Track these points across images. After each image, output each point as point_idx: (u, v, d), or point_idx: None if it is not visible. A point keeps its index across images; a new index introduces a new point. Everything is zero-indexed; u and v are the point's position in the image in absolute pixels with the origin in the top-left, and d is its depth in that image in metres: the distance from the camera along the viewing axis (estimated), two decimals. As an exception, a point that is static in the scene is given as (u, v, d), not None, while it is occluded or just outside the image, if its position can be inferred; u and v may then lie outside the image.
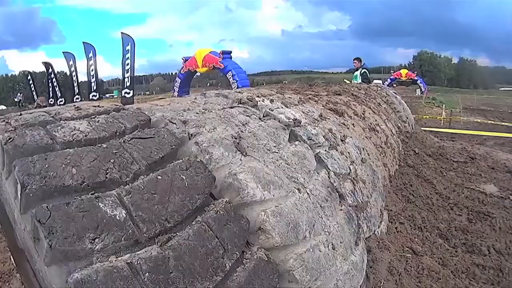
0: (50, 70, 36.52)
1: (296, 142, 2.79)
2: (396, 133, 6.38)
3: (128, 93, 22.42)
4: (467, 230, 4.23)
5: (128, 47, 21.94)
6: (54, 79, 35.94)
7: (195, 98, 3.08)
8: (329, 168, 2.84)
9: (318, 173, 2.71)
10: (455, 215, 4.70)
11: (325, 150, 3.01)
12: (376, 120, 5.47)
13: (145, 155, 1.86)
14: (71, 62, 31.53)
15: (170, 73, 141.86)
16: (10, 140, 1.69)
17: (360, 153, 3.68)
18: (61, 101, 35.71)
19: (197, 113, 2.57)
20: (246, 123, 2.63)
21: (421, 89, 47.84)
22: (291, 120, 3.00)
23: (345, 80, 14.52)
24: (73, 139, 1.79)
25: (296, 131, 2.92)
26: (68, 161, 1.63)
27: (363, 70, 13.12)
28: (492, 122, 19.21)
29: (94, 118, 2.06)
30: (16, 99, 49.29)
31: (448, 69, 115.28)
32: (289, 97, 3.79)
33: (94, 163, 1.68)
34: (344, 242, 2.49)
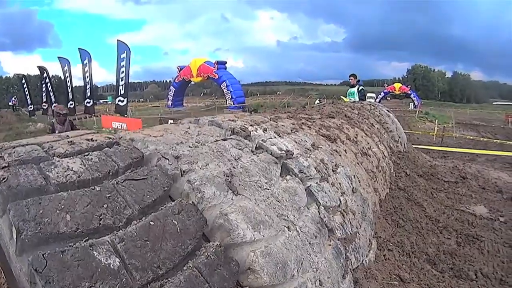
0: (45, 74, 36.58)
1: (288, 177, 2.82)
2: (388, 154, 6.41)
3: (122, 101, 22.43)
4: (455, 254, 4.25)
5: (124, 55, 21.94)
6: (48, 84, 35.99)
7: (189, 128, 3.10)
8: (319, 202, 2.87)
9: (308, 209, 2.74)
10: (444, 238, 4.72)
11: (316, 183, 3.04)
12: (368, 143, 5.51)
13: (138, 199, 1.88)
14: (66, 68, 31.61)
15: (164, 81, 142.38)
16: (4, 180, 1.70)
17: (351, 183, 3.71)
18: (55, 106, 35.67)
19: (190, 146, 2.59)
20: (239, 158, 2.65)
21: (414, 103, 48.10)
22: (283, 152, 3.02)
23: (341, 97, 14.63)
24: (67, 180, 1.81)
25: (288, 164, 2.95)
26: (62, 206, 1.65)
27: (360, 88, 13.24)
28: (484, 139, 19.23)
29: (87, 155, 2.08)
30: (10, 103, 49.06)
31: (442, 83, 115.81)
32: (282, 125, 3.82)
33: (87, 209, 1.70)
34: (332, 277, 2.52)
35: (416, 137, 20.03)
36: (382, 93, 52.41)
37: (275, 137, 3.30)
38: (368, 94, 16.23)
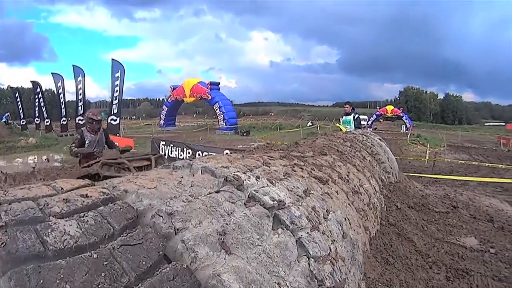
0: (38, 89, 36.59)
1: (279, 230, 2.86)
2: (380, 189, 6.46)
3: (115, 120, 22.42)
4: (445, 290, 4.28)
5: (118, 74, 21.97)
6: (41, 99, 36.00)
7: (182, 178, 3.13)
8: (310, 253, 2.90)
9: (298, 262, 2.77)
10: (434, 273, 4.74)
11: (307, 233, 3.07)
12: (360, 180, 5.55)
13: (134, 266, 1.91)
14: (59, 84, 31.67)
15: (157, 99, 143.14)
16: (3, 245, 1.73)
17: (342, 228, 3.75)
18: (47, 122, 35.73)
19: (183, 201, 2.62)
20: (232, 213, 2.69)
21: (406, 126, 48.38)
22: (275, 202, 3.06)
23: (338, 125, 14.84)
24: (64, 246, 1.84)
25: (280, 215, 2.98)
26: (62, 275, 1.68)
27: (356, 116, 13.43)
28: (476, 162, 19.35)
29: (83, 217, 2.11)
30: (3, 120, 48.98)
31: (434, 104, 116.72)
32: (275, 170, 3.86)
33: (86, 278, 1.72)
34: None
35: (408, 161, 20.11)
36: (374, 115, 52.86)
37: (268, 185, 3.33)
38: (360, 116, 16.45)
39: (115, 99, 22.29)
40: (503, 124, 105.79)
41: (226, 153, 6.88)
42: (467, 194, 9.22)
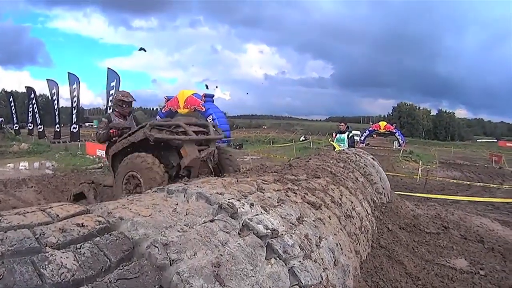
0: (32, 95, 36.48)
1: (272, 260, 2.88)
2: (372, 211, 6.48)
3: (109, 129, 22.31)
4: (434, 313, 4.31)
5: (113, 83, 21.98)
6: (35, 105, 35.91)
7: (177, 205, 3.16)
8: (301, 282, 2.93)
9: (291, 292, 2.81)
10: (423, 297, 4.78)
11: (300, 261, 3.11)
12: (352, 203, 5.58)
13: None
14: (54, 90, 31.51)
15: (151, 108, 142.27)
16: (0, 278, 1.75)
17: (333, 255, 3.78)
18: (40, 128, 35.64)
19: (178, 231, 2.65)
20: (226, 243, 2.71)
21: (399, 142, 48.52)
22: (269, 231, 3.09)
23: (331, 142, 14.92)
24: (61, 280, 1.85)
25: (273, 244, 3.01)
26: (59, 312, 1.71)
27: (351, 134, 13.52)
28: (467, 182, 19.41)
29: (79, 248, 2.13)
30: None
31: (427, 120, 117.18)
32: (269, 197, 3.88)
33: (83, 314, 1.75)
34: None
35: (400, 178, 20.15)
36: (367, 131, 53.01)
37: (261, 213, 3.36)
38: (353, 132, 16.54)
39: (110, 108, 22.19)
40: (495, 140, 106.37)
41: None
42: (458, 213, 9.27)
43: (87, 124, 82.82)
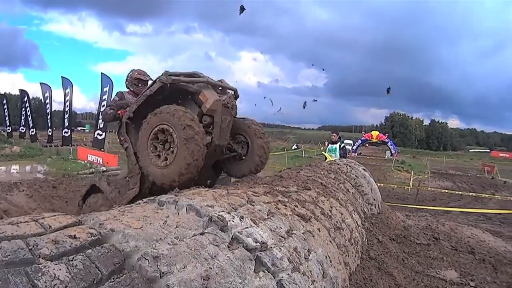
0: (25, 98, 36.36)
1: (261, 273, 2.92)
2: (362, 222, 6.51)
3: (101, 135, 22.37)
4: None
5: (106, 89, 21.92)
6: (28, 108, 35.77)
7: (168, 217, 3.19)
8: (290, 295, 2.97)
9: (279, 305, 2.84)
10: (412, 308, 4.80)
11: (288, 274, 3.14)
12: (342, 215, 5.60)
13: None
14: (47, 94, 31.39)
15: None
16: None
17: (322, 267, 3.81)
18: (32, 131, 35.49)
19: (169, 244, 2.68)
20: (215, 256, 2.75)
21: (391, 152, 48.61)
22: (258, 244, 3.13)
23: (323, 153, 14.99)
24: (55, 292, 1.90)
25: (262, 257, 3.04)
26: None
27: (342, 145, 13.56)
28: (459, 192, 19.47)
29: (72, 260, 2.16)
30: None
31: (419, 130, 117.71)
32: (259, 210, 3.91)
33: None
34: None
35: (392, 188, 20.19)
36: (360, 141, 53.02)
37: (251, 226, 3.40)
38: (345, 141, 16.57)
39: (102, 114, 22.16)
40: (488, 150, 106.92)
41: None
42: (449, 224, 9.25)
43: (79, 128, 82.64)
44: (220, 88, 6.24)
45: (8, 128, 42.92)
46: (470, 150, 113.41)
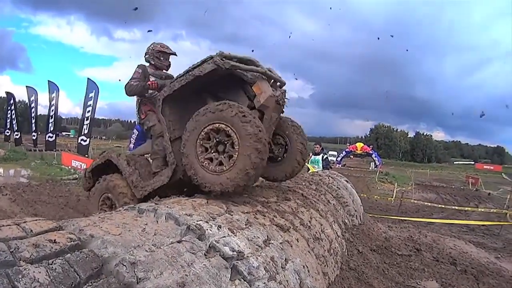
0: (12, 101, 36.08)
1: (237, 282, 2.97)
2: (342, 233, 6.52)
3: (85, 140, 22.14)
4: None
5: (92, 94, 21.74)
6: (13, 111, 35.49)
7: (146, 225, 3.24)
8: (265, 303, 3.03)
9: (253, 313, 2.90)
10: (391, 319, 4.81)
11: (264, 283, 3.20)
12: (322, 225, 5.64)
13: None
14: (32, 98, 31.14)
15: (129, 121, 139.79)
16: None
17: (299, 277, 3.87)
18: (17, 134, 35.21)
19: (146, 251, 2.74)
20: (192, 263, 2.81)
21: (375, 163, 48.74)
22: (235, 253, 3.19)
23: (306, 164, 14.97)
24: (35, 294, 1.95)
25: (238, 266, 3.10)
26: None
27: (325, 156, 13.60)
28: (442, 205, 19.51)
29: (51, 264, 2.22)
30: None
31: (404, 142, 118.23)
32: (237, 219, 3.96)
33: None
34: None
35: (375, 199, 20.21)
36: (344, 152, 53.13)
37: (228, 235, 3.46)
38: (330, 152, 16.63)
39: (87, 119, 21.83)
40: (472, 163, 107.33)
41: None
42: (431, 235, 9.22)
43: (64, 133, 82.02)
44: (272, 80, 5.57)
45: (-7, 130, 42.63)
46: (454, 162, 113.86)
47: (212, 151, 4.68)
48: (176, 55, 6.49)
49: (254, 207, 4.71)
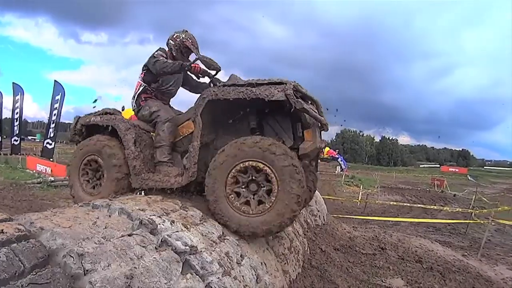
0: (-22, 103, 35.36)
1: (188, 275, 2.97)
2: (304, 232, 6.52)
3: (50, 144, 21.83)
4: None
5: (58, 97, 21.41)
6: (-22, 114, 34.79)
7: (98, 218, 3.22)
8: (219, 299, 3.02)
9: (206, 307, 2.89)
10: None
11: (218, 278, 3.19)
12: (282, 224, 5.62)
13: None
14: (-1, 101, 30.59)
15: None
16: None
17: (256, 273, 3.87)
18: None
19: (95, 243, 2.72)
20: (142, 256, 2.79)
21: (341, 167, 48.99)
22: (187, 247, 3.18)
23: None
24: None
25: (191, 260, 3.10)
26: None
27: None
28: (408, 204, 19.70)
29: None
30: None
31: (370, 147, 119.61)
32: (192, 215, 3.95)
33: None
34: None
35: (341, 202, 20.27)
36: (310, 156, 53.20)
37: (182, 230, 3.45)
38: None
39: (53, 123, 21.44)
40: (438, 166, 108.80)
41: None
42: (397, 235, 9.20)
43: (29, 137, 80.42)
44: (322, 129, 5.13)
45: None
46: (420, 166, 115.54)
47: (243, 186, 4.24)
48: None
49: (211, 204, 4.62)
